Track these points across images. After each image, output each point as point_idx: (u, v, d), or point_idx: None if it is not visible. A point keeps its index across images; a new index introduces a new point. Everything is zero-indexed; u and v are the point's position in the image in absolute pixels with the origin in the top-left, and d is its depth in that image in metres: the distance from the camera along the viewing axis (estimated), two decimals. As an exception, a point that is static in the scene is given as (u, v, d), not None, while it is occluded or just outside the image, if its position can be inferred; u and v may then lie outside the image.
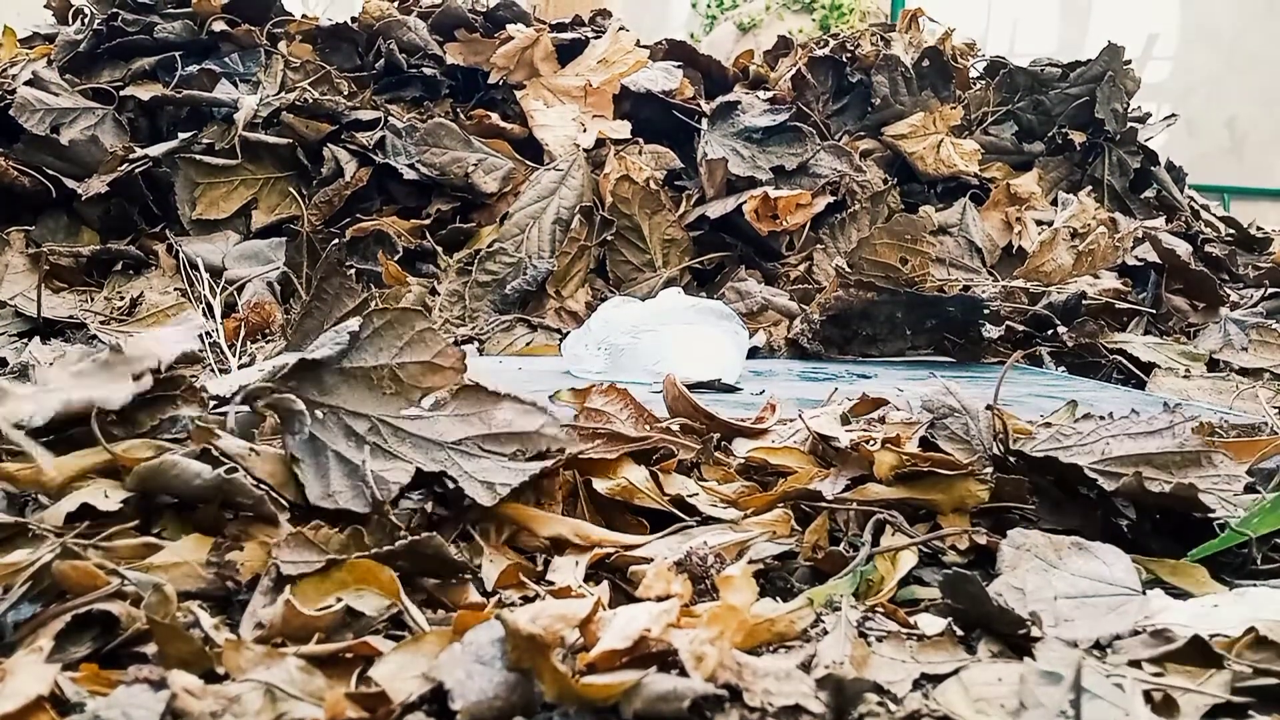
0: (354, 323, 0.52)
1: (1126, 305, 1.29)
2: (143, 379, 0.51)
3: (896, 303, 1.13)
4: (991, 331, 1.11)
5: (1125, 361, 1.04)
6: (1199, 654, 0.38)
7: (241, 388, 0.55)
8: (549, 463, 0.50)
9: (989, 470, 0.53)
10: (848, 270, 1.09)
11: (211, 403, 0.56)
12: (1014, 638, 0.40)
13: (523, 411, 0.52)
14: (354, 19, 1.61)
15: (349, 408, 0.50)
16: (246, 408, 0.54)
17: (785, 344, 1.13)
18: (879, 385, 0.67)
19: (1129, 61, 1.68)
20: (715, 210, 1.40)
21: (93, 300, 1.20)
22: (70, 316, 1.11)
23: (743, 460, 0.59)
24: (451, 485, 0.49)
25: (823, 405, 0.65)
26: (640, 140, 1.48)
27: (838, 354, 1.11)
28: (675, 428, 0.61)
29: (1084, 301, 1.20)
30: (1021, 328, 1.17)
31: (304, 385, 0.51)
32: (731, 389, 0.81)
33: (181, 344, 0.54)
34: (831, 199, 1.43)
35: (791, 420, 0.62)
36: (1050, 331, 1.15)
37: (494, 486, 0.48)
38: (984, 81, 1.74)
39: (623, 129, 1.47)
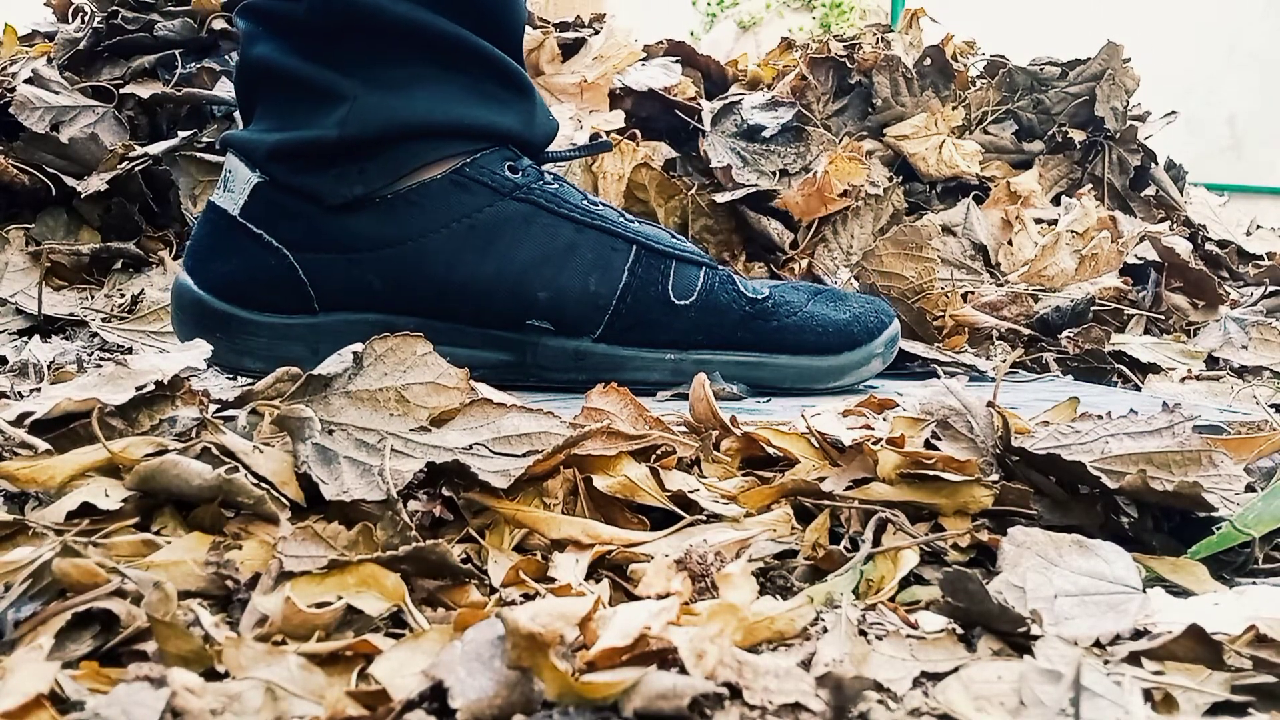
0: (357, 346, 0.53)
1: (1129, 306, 1.28)
2: (145, 387, 0.52)
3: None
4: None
5: (1124, 368, 1.03)
6: (1199, 652, 0.38)
7: (247, 392, 0.56)
8: (553, 447, 0.51)
9: (994, 478, 0.53)
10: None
11: (213, 406, 0.56)
12: (1014, 636, 0.40)
13: (531, 417, 0.53)
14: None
15: (358, 424, 0.51)
16: (249, 409, 0.54)
17: None
18: (882, 395, 0.68)
19: (1128, 59, 1.68)
20: (721, 198, 1.39)
21: (93, 298, 1.20)
22: (71, 314, 1.11)
23: (745, 431, 0.58)
24: (463, 479, 0.49)
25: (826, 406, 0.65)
26: (638, 133, 1.48)
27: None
28: (675, 425, 0.61)
29: (1093, 307, 1.20)
30: (1027, 331, 1.17)
31: (312, 404, 0.51)
32: (735, 396, 0.80)
33: (187, 362, 0.55)
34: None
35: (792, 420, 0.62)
36: (1056, 336, 1.14)
37: (508, 472, 0.50)
38: (984, 80, 1.74)
39: (616, 119, 1.47)
